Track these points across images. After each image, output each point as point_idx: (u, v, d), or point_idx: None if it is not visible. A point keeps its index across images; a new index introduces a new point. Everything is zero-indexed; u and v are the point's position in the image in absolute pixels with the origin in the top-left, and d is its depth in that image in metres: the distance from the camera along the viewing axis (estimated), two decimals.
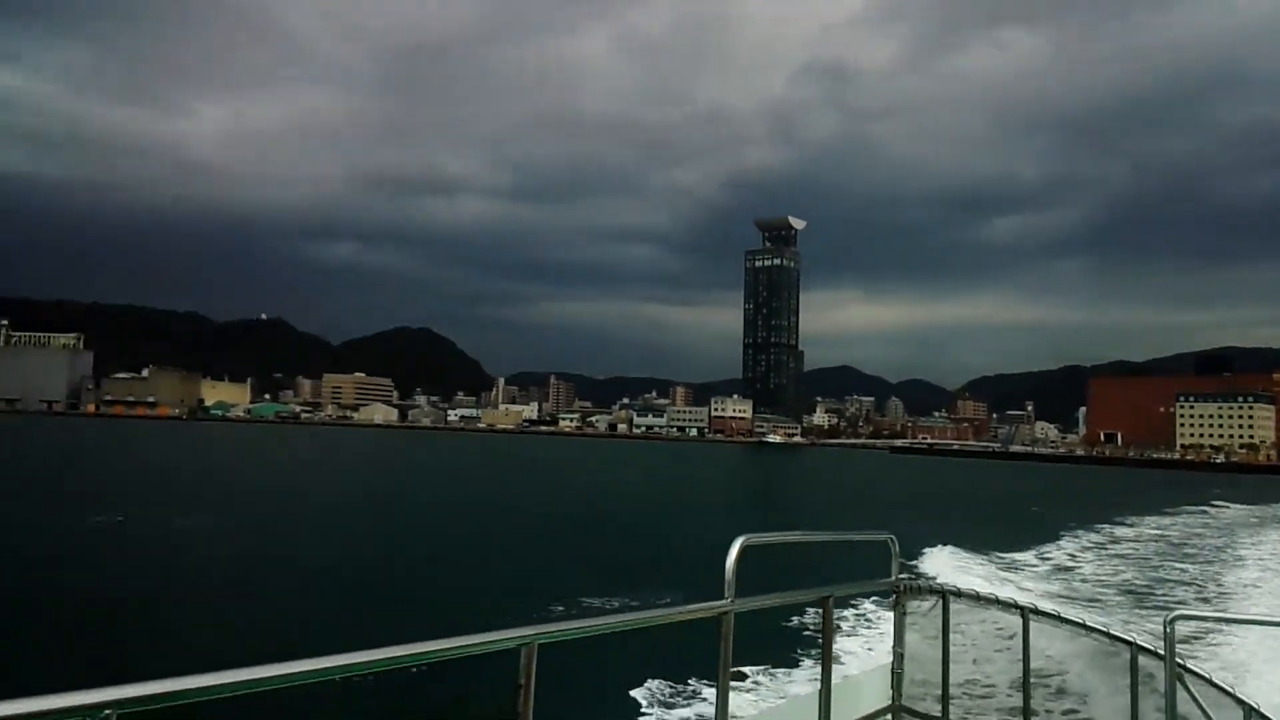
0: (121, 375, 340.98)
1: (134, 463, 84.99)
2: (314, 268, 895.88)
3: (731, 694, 4.17)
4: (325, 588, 27.40)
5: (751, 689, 16.33)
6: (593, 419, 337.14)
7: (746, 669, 16.87)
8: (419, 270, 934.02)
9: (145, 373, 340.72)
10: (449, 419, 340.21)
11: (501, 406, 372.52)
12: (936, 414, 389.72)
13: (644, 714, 15.22)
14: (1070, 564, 35.88)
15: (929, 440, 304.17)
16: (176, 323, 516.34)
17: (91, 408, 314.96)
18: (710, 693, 14.76)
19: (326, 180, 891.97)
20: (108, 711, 2.18)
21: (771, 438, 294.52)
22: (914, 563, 32.29)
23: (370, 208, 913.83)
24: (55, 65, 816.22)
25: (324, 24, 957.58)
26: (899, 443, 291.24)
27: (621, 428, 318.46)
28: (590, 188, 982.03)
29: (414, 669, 2.89)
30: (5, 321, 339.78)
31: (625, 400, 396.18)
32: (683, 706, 15.51)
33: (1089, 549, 40.92)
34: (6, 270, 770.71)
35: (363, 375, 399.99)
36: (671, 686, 16.35)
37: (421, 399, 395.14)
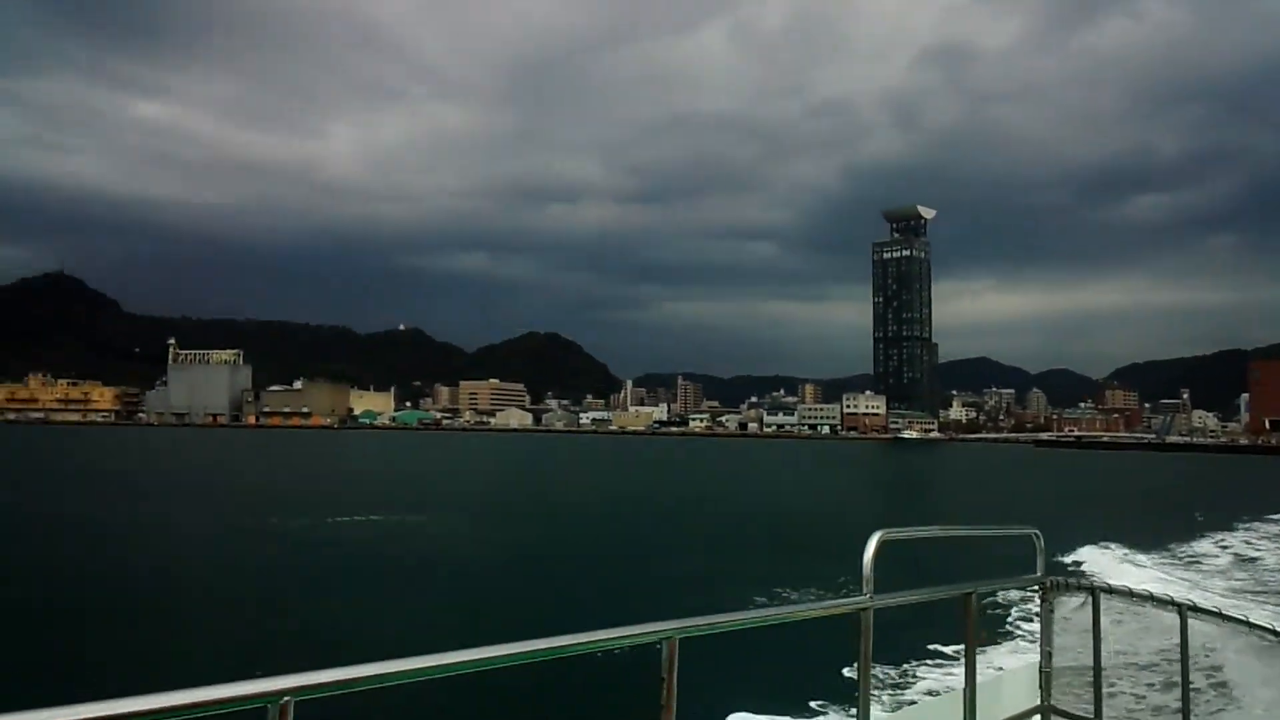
0: (275, 388, 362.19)
1: (322, 468, 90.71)
2: (446, 278, 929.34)
3: (872, 691, 4.09)
4: (481, 582, 28.79)
5: (893, 686, 16.27)
6: (722, 418, 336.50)
7: (887, 666, 16.73)
8: (545, 276, 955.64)
9: (297, 385, 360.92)
10: (581, 422, 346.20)
11: (632, 409, 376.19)
12: (1082, 405, 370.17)
13: (785, 710, 15.31)
14: (1234, 560, 33.70)
15: (1076, 433, 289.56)
16: (323, 336, 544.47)
17: (251, 419, 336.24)
18: (851, 690, 14.71)
19: (455, 193, 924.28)
20: (286, 699, 2.31)
21: (907, 433, 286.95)
22: (1061, 559, 31.10)
23: (497, 217, 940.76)
24: (202, 96, 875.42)
25: (449, 41, 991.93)
26: (1044, 436, 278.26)
27: (752, 426, 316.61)
28: (709, 186, 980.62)
29: (561, 661, 2.98)
30: (172, 340, 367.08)
31: (753, 399, 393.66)
32: (823, 703, 15.42)
33: (1255, 544, 38.28)
34: (170, 292, 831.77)
35: (497, 381, 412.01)
36: (812, 683, 16.36)
37: (553, 403, 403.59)
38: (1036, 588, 5.95)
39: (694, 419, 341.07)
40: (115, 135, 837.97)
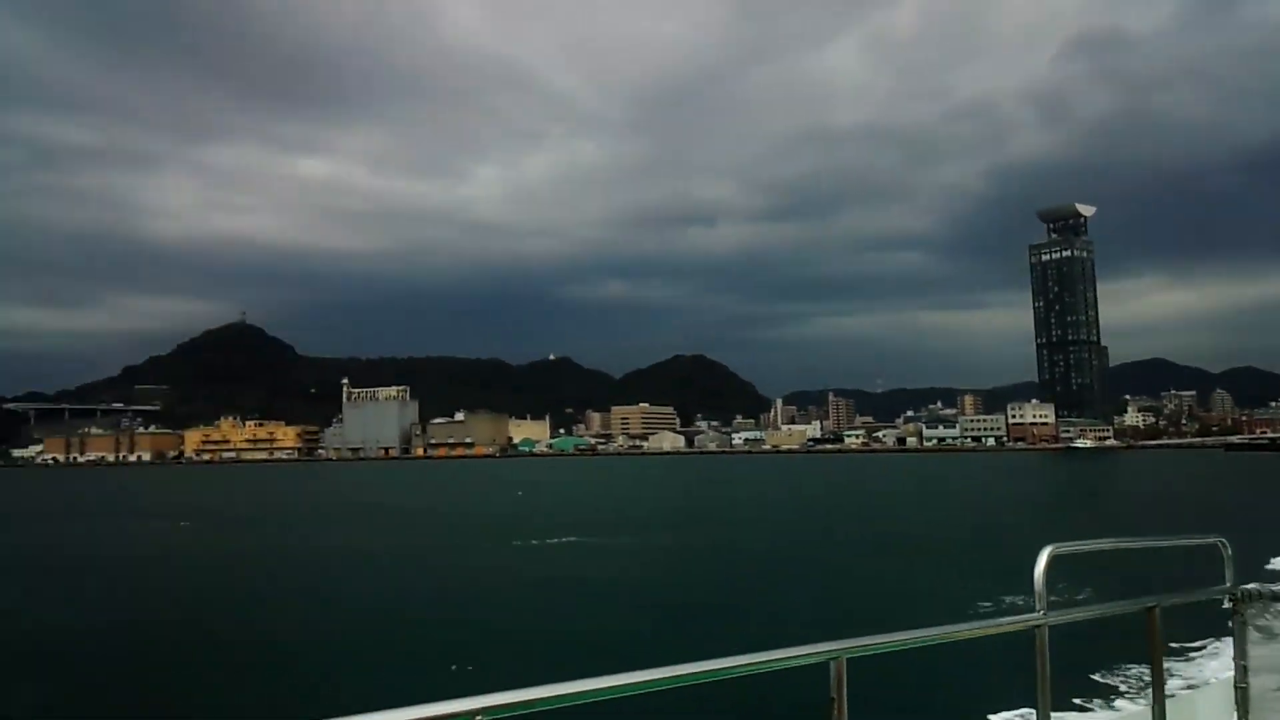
0: (439, 420, 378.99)
1: (505, 495, 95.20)
2: (591, 307, 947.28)
3: (1051, 713, 3.97)
4: (653, 602, 29.80)
5: (1073, 708, 15.87)
6: (879, 434, 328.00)
7: (1065, 686, 16.28)
8: (686, 299, 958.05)
9: (459, 416, 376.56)
10: (733, 442, 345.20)
11: (784, 427, 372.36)
12: (1273, 404, 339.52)
13: None
14: None
15: (1270, 434, 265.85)
16: (480, 369, 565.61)
17: (420, 451, 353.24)
18: (1026, 710, 14.55)
19: (595, 224, 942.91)
20: (478, 717, 2.44)
21: (1080, 442, 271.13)
22: (1254, 569, 29.23)
23: (637, 244, 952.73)
24: (360, 150, 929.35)
25: (584, 78, 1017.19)
26: (1235, 439, 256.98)
27: (911, 441, 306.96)
28: (849, 199, 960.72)
29: (730, 682, 3.01)
30: (345, 380, 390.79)
31: (909, 413, 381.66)
32: None
33: None
34: (339, 335, 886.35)
35: (646, 405, 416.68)
36: (986, 704, 16.21)
37: (703, 424, 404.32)
38: (1227, 600, 5.51)
39: (849, 435, 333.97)
40: (284, 192, 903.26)
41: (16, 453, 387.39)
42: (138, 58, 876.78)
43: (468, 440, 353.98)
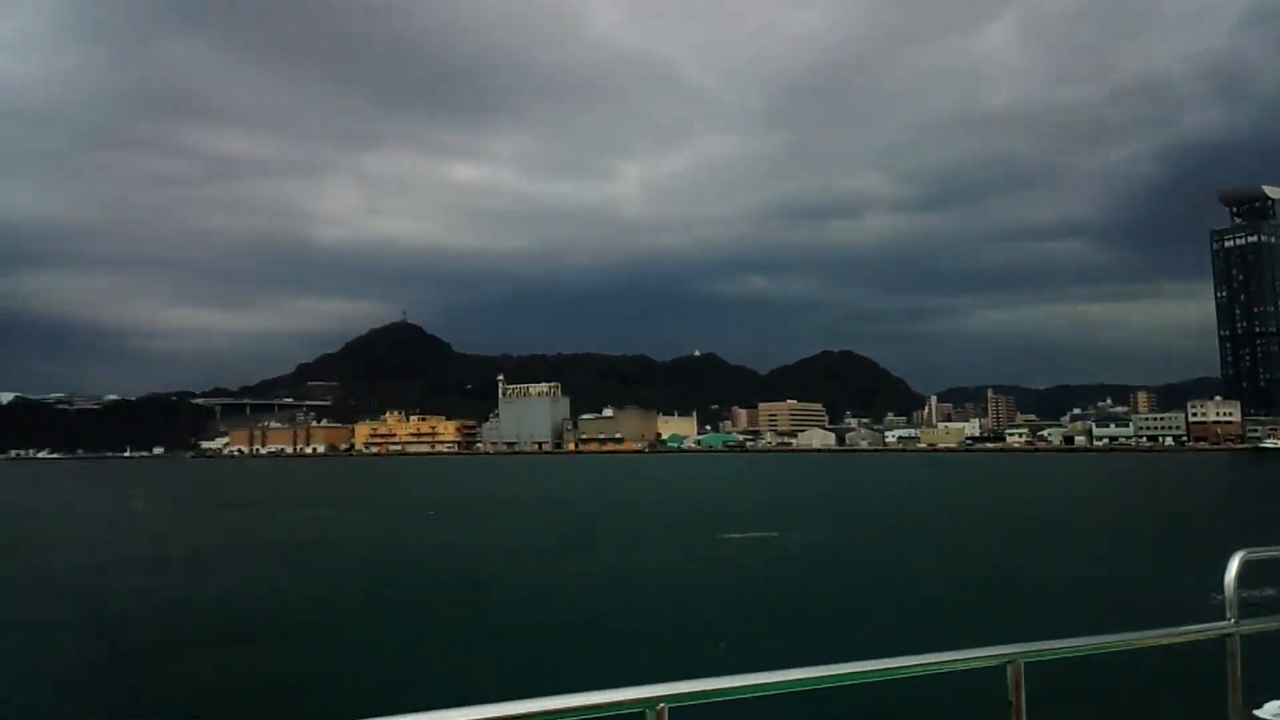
0: (587, 416, 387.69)
1: (681, 489, 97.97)
2: (735, 303, 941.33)
3: None
4: (825, 597, 30.50)
5: None
6: (1044, 432, 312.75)
7: (1258, 698, 15.92)
8: (832, 293, 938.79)
9: (607, 412, 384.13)
10: (886, 440, 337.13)
11: (940, 425, 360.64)
12: None
13: None
14: None
15: None
16: (625, 365, 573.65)
17: (571, 446, 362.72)
18: None
19: (737, 219, 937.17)
20: (661, 705, 2.54)
21: (1270, 442, 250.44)
22: None
23: (779, 239, 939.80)
24: (508, 154, 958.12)
25: (723, 73, 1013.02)
26: None
27: (1079, 440, 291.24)
28: (1003, 186, 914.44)
29: (904, 682, 2.99)
30: (501, 377, 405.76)
31: (1075, 410, 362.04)
32: None
33: None
34: (492, 333, 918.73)
35: (794, 401, 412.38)
36: (1170, 714, 16.03)
37: (852, 421, 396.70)
38: None
39: (1011, 433, 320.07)
40: (438, 196, 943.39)
41: (205, 444, 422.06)
42: (305, 73, 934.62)
43: (617, 436, 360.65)
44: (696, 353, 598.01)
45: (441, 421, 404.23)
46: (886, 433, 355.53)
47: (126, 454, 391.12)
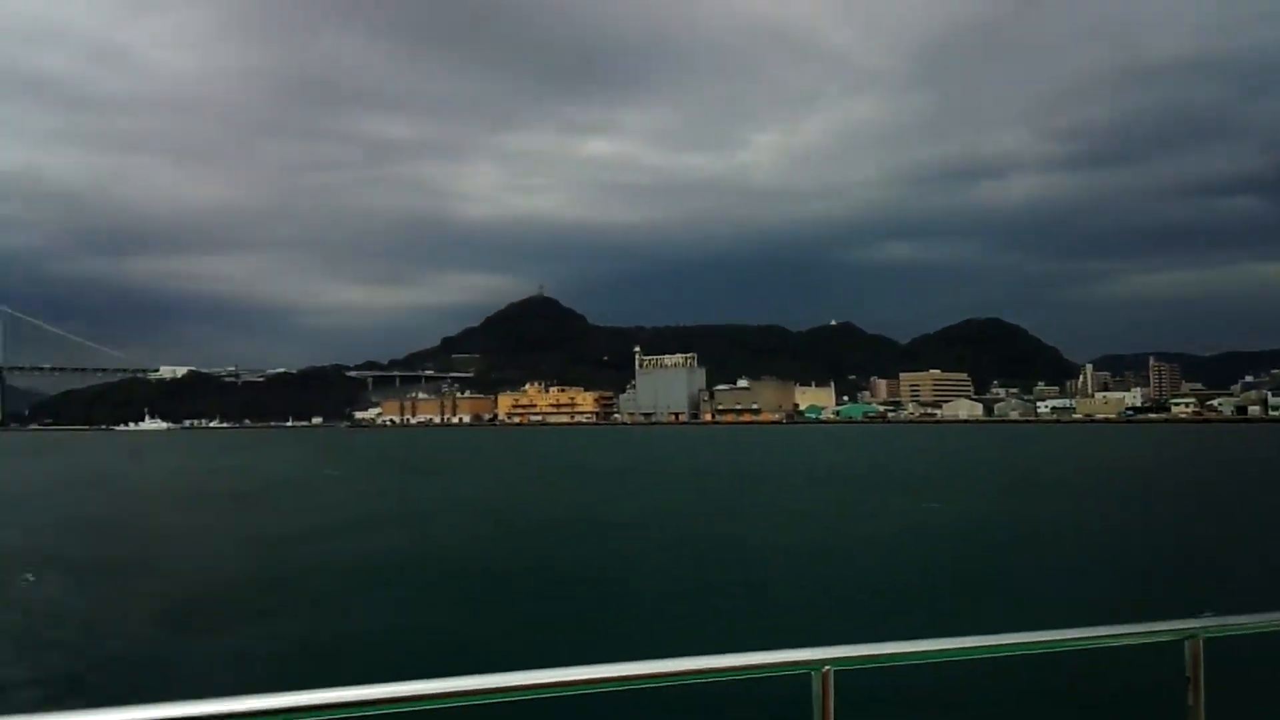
0: (723, 387, 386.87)
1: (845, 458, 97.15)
2: (872, 270, 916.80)
3: None
4: (1002, 568, 29.41)
5: None
6: (1213, 402, 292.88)
7: None
8: (976, 259, 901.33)
9: (741, 383, 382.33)
10: (1038, 411, 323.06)
11: (1098, 395, 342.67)
12: None
13: None
14: None
15: None
16: (759, 335, 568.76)
17: (708, 416, 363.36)
18: None
19: (875, 184, 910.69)
20: (826, 667, 2.52)
21: None
22: None
23: (920, 203, 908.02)
24: (641, 127, 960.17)
25: (859, 34, 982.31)
26: None
27: (1253, 410, 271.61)
28: (1164, 140, 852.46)
29: (1075, 654, 2.93)
30: (638, 348, 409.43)
31: (1248, 378, 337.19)
32: None
33: None
34: (626, 304, 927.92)
35: (938, 371, 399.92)
36: None
37: (1000, 391, 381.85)
38: None
39: (1175, 403, 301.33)
40: (573, 172, 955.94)
41: (359, 415, 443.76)
42: (451, 57, 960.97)
43: (754, 406, 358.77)
44: (833, 322, 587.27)
45: (580, 393, 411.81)
46: (1038, 403, 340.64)
47: (289, 423, 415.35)
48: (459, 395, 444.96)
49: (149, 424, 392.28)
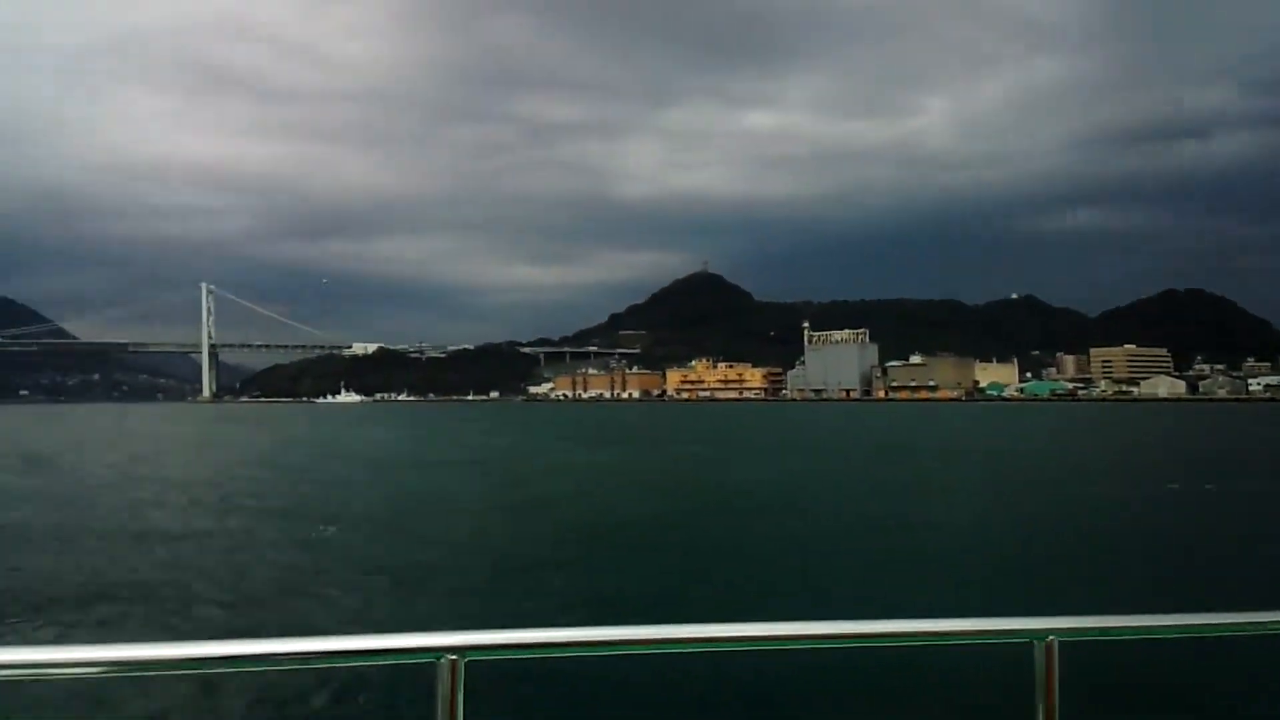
0: (895, 363, 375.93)
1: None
2: (1057, 239, 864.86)
3: None
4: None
5: None
6: None
7: None
8: (1174, 227, 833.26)
9: (914, 359, 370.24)
10: (1249, 389, 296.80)
11: None
12: None
13: None
14: None
15: None
16: (934, 310, 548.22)
17: (881, 393, 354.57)
18: None
19: (1059, 148, 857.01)
20: (1050, 638, 2.48)
21: None
22: None
23: (1109, 167, 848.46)
24: (802, 98, 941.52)
25: None
26: None
27: None
28: None
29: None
30: (806, 324, 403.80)
31: None
32: None
33: None
34: (790, 279, 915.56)
35: (1133, 346, 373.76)
36: None
37: (1204, 368, 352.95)
38: None
39: None
40: (734, 147, 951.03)
41: (533, 389, 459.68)
42: (612, 36, 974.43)
43: (930, 383, 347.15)
44: (1013, 295, 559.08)
45: (748, 369, 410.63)
46: (1250, 380, 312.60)
47: (469, 397, 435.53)
48: (628, 371, 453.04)
49: (344, 397, 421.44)
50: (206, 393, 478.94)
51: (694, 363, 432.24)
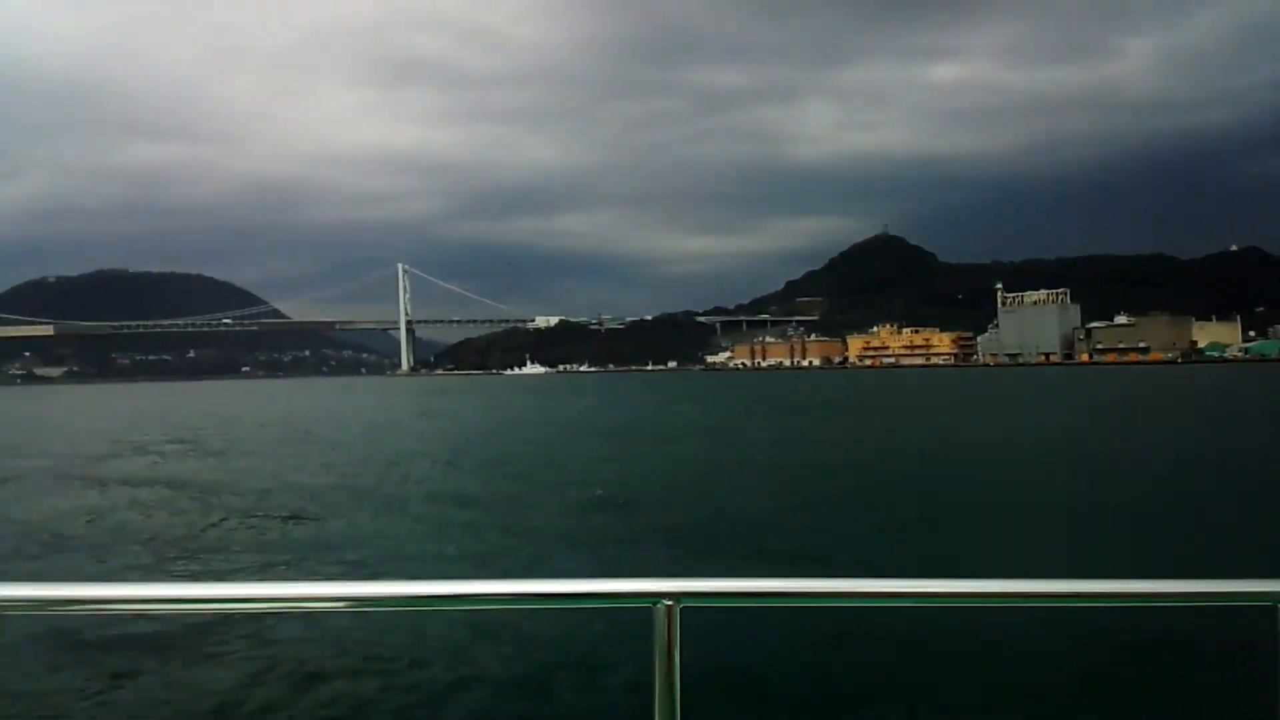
0: (1098, 324, 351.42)
1: None
2: None
3: None
4: None
5: None
6: None
7: None
8: None
9: (1119, 319, 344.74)
10: None
11: None
12: None
13: None
14: None
15: None
16: (1139, 265, 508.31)
17: (1084, 357, 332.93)
18: None
19: (1278, 84, 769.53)
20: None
21: None
22: None
23: None
24: (988, 48, 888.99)
25: None
26: None
27: None
28: None
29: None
30: (999, 285, 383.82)
31: None
32: None
33: None
34: (977, 239, 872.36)
35: None
36: None
37: None
38: None
39: None
40: (915, 102, 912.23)
41: (710, 359, 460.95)
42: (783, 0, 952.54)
43: (1141, 345, 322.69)
44: (1234, 247, 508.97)
45: (935, 333, 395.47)
46: None
47: (649, 367, 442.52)
48: (807, 338, 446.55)
49: (530, 369, 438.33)
50: (405, 367, 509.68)
51: (876, 329, 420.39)
